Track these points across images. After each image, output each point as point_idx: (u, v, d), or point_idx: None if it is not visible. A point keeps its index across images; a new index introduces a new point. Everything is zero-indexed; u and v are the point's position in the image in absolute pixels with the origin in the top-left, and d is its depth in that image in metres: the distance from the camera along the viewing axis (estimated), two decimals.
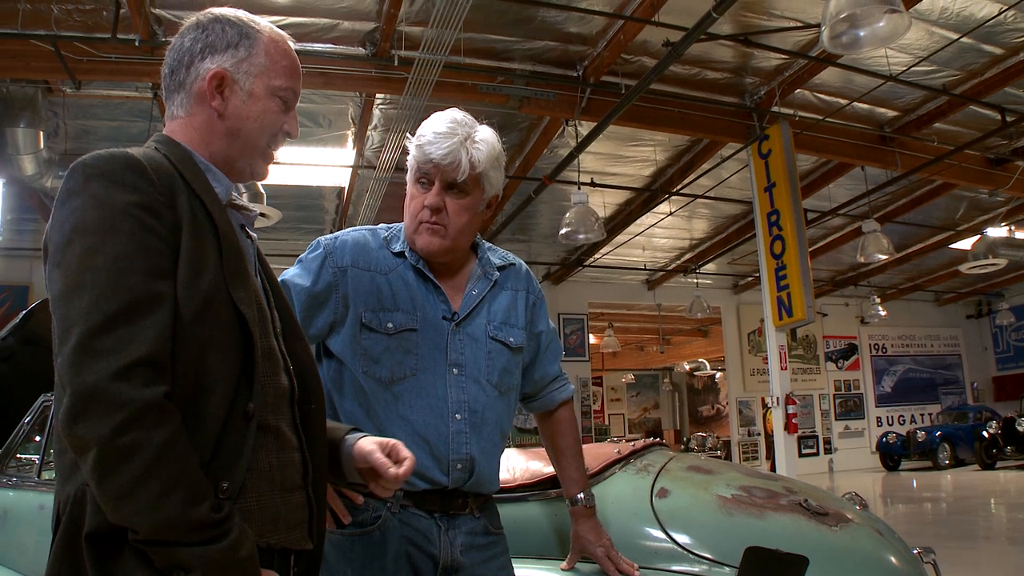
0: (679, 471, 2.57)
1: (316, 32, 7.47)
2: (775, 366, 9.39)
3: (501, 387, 2.14)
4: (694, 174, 11.09)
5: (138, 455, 1.16)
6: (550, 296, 16.13)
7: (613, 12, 7.46)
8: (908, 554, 2.35)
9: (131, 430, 1.16)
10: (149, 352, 1.21)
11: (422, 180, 2.08)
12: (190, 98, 1.53)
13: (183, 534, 1.18)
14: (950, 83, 9.01)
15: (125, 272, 1.25)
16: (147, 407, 1.18)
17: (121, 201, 1.29)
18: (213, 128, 1.53)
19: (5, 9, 6.75)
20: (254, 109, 1.55)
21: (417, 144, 2.06)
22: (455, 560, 2.01)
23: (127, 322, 1.22)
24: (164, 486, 1.17)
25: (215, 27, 1.54)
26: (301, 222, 12.56)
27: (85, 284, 1.23)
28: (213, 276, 1.36)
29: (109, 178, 1.32)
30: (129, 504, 1.17)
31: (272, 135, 1.60)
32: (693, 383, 30.50)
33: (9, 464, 4.29)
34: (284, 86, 1.58)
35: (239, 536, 1.24)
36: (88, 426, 1.16)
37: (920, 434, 18.00)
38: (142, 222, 1.29)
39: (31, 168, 8.13)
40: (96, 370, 1.17)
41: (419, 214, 2.08)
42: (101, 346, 1.19)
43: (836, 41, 5.66)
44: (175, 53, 1.55)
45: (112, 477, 1.16)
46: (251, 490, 1.36)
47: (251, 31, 1.56)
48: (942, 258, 16.50)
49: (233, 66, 1.53)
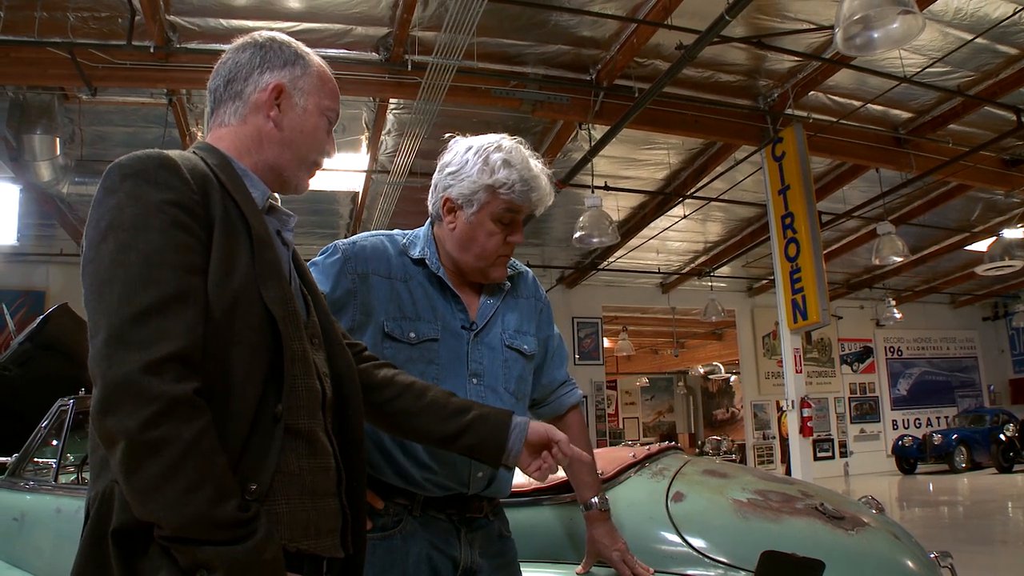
0: (694, 475, 2.57)
1: (330, 37, 7.49)
2: (790, 369, 9.36)
3: (518, 394, 2.16)
4: (708, 177, 11.07)
5: (166, 450, 1.16)
6: (564, 300, 16.15)
7: (626, 16, 7.46)
8: (925, 558, 2.34)
9: (160, 424, 1.16)
10: (181, 347, 1.22)
11: (506, 220, 2.09)
12: (246, 107, 1.59)
13: (208, 532, 1.18)
14: (965, 84, 8.96)
15: (157, 267, 1.26)
16: (177, 402, 1.19)
17: (154, 198, 1.31)
18: (265, 136, 1.59)
19: (22, 17, 6.80)
20: (307, 124, 1.63)
21: (521, 189, 2.06)
22: (475, 562, 2.02)
23: (159, 316, 1.23)
24: (191, 482, 1.17)
25: (272, 45, 1.62)
26: (315, 227, 12.61)
27: (117, 279, 1.25)
28: (244, 276, 1.37)
29: (143, 176, 1.34)
30: (155, 499, 1.17)
31: (318, 152, 1.67)
32: (707, 386, 30.41)
33: (26, 468, 4.32)
34: (331, 107, 1.67)
35: (265, 537, 1.24)
36: (117, 419, 1.17)
37: (936, 437, 17.90)
38: (175, 219, 1.31)
39: (48, 174, 8.18)
40: (127, 362, 1.18)
41: (500, 250, 2.11)
42: (132, 339, 1.20)
43: (850, 43, 5.64)
44: (232, 65, 1.61)
45: (139, 471, 1.17)
46: (280, 494, 1.36)
47: (304, 53, 1.65)
48: (958, 260, 16.41)
49: (290, 81, 1.61)
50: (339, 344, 1.65)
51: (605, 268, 15.56)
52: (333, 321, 1.70)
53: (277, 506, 1.35)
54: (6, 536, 4.04)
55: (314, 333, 1.58)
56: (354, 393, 1.63)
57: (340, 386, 1.60)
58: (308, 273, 1.71)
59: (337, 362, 1.62)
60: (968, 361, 21.41)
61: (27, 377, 5.26)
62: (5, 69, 7.20)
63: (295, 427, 1.41)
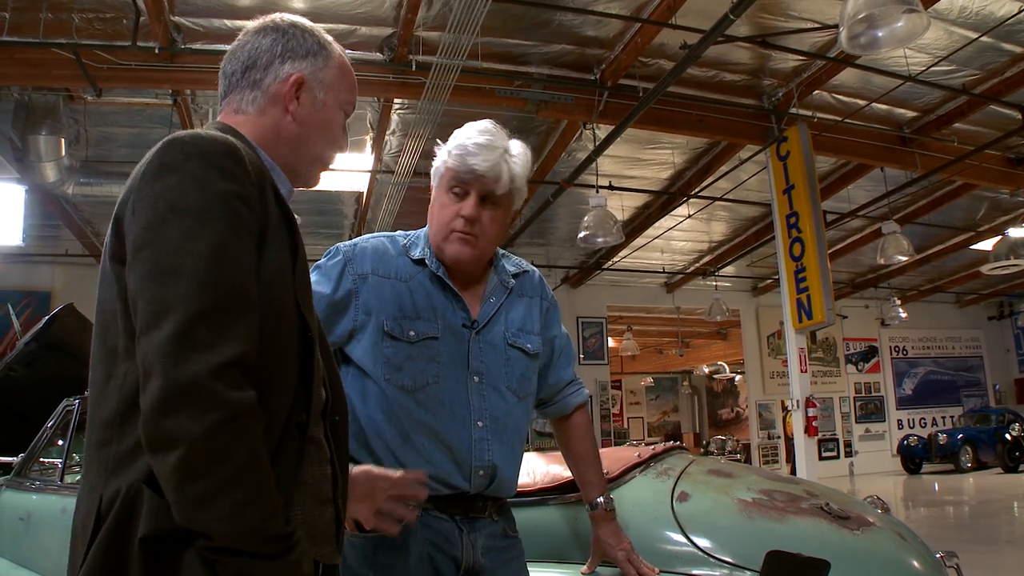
0: (699, 475, 2.57)
1: (334, 37, 7.46)
2: (795, 369, 9.35)
3: (520, 393, 2.15)
4: (712, 177, 11.07)
5: (228, 460, 1.12)
6: (569, 299, 16.14)
7: (630, 15, 7.45)
8: (931, 558, 2.34)
9: (225, 433, 1.12)
10: (243, 352, 1.17)
11: (456, 189, 2.08)
12: (265, 97, 1.52)
13: (258, 545, 1.15)
14: (970, 83, 8.94)
15: (223, 263, 1.20)
16: (242, 411, 1.14)
17: (221, 188, 1.24)
18: (282, 131, 1.53)
19: (27, 18, 6.82)
20: (325, 119, 1.57)
21: (457, 154, 2.06)
22: (477, 562, 2.02)
23: (225, 317, 1.17)
24: (247, 494, 1.13)
25: (295, 32, 1.57)
26: (320, 227, 12.62)
27: (184, 269, 1.17)
28: (287, 283, 1.34)
29: (210, 161, 1.26)
30: (209, 510, 1.11)
31: (333, 147, 1.62)
32: (712, 386, 30.36)
33: (32, 468, 4.33)
34: (349, 100, 1.63)
35: (304, 551, 1.22)
36: (180, 422, 1.10)
37: (941, 437, 17.87)
38: (238, 213, 1.25)
39: (53, 175, 8.20)
40: (194, 363, 1.12)
41: (452, 223, 2.08)
42: (200, 338, 1.14)
43: (854, 42, 5.63)
44: (251, 50, 1.54)
45: (198, 479, 1.11)
46: (297, 503, 1.32)
47: (327, 43, 1.60)
48: (963, 259, 16.38)
49: (312, 74, 1.55)
50: (327, 343, 1.60)
51: (610, 268, 15.56)
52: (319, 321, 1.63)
53: (295, 516, 1.30)
54: (12, 536, 4.05)
55: None
56: (342, 396, 1.59)
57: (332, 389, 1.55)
58: None
59: (328, 364, 1.56)
60: (973, 360, 21.38)
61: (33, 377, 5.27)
62: (10, 70, 7.21)
63: (310, 436, 1.38)
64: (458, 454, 2.01)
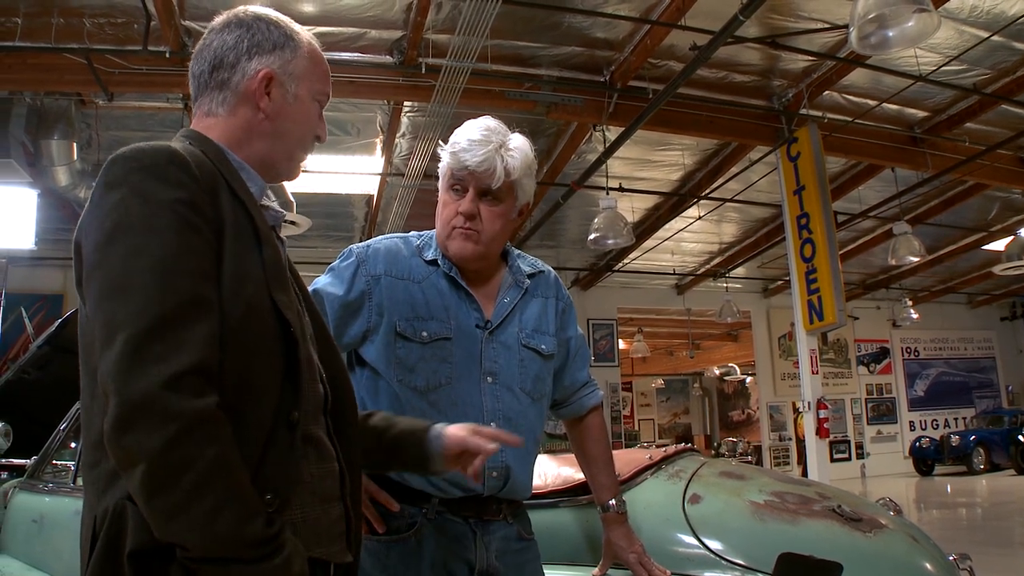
0: (711, 477, 2.56)
1: (344, 41, 7.52)
2: (806, 370, 9.32)
3: (534, 394, 2.15)
4: (723, 178, 11.06)
5: (191, 470, 1.11)
6: (579, 301, 16.10)
7: (639, 17, 7.45)
8: (944, 560, 2.33)
9: (184, 443, 1.11)
10: (199, 359, 1.16)
11: (455, 187, 2.09)
12: (235, 97, 1.49)
13: (237, 551, 1.14)
14: (981, 82, 8.91)
15: (172, 273, 1.19)
16: (200, 419, 1.13)
17: (165, 197, 1.23)
18: (255, 128, 1.50)
19: (39, 24, 6.87)
20: (299, 112, 1.54)
21: (451, 151, 2.06)
22: (491, 565, 2.01)
23: (176, 327, 1.16)
24: (218, 501, 1.12)
25: (259, 26, 1.52)
26: (330, 230, 12.64)
27: (131, 286, 1.17)
28: (257, 281, 1.32)
29: (152, 172, 1.26)
30: (180, 521, 1.11)
31: (311, 138, 1.59)
32: (723, 388, 30.32)
33: (45, 470, 4.34)
34: (323, 90, 1.59)
35: (292, 551, 1.20)
36: (137, 438, 1.10)
37: (954, 438, 17.78)
38: (187, 220, 1.23)
39: (65, 179, 8.24)
40: (146, 378, 1.11)
41: (452, 220, 2.08)
42: (150, 352, 1.13)
43: (865, 42, 5.61)
44: (216, 49, 1.51)
45: (164, 493, 1.11)
46: (295, 502, 1.31)
47: (294, 33, 1.55)
48: (975, 260, 16.30)
49: (280, 67, 1.51)
50: (329, 341, 1.60)
51: (620, 270, 15.55)
52: (321, 319, 1.64)
53: (293, 515, 1.30)
54: (26, 538, 4.07)
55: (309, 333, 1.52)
56: (348, 392, 1.58)
57: (336, 387, 1.54)
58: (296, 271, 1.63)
59: (332, 362, 1.56)
60: (986, 361, 21.26)
61: (46, 380, 5.29)
62: (23, 75, 7.26)
63: (307, 433, 1.37)
64: None
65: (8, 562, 4.03)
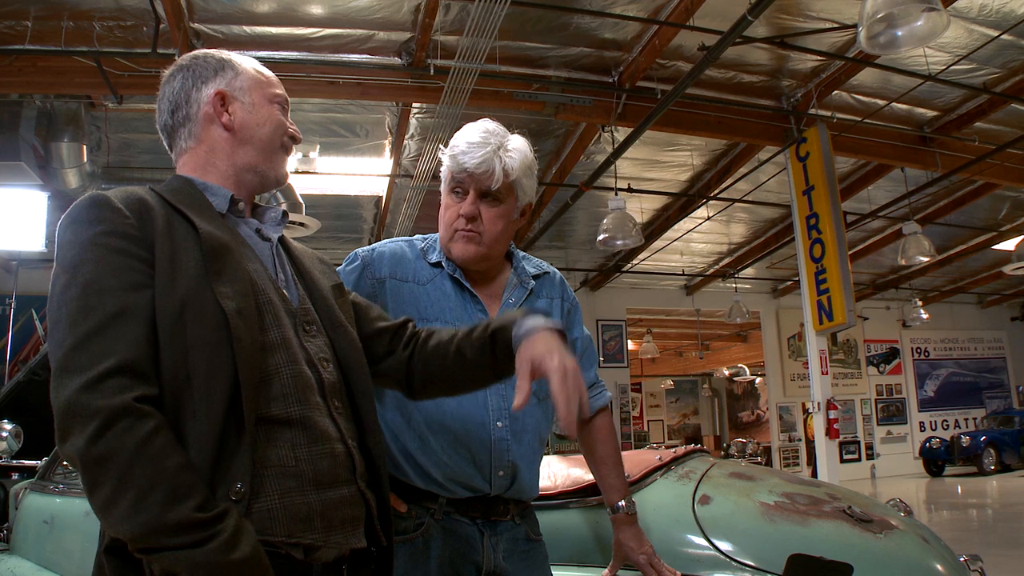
0: (721, 478, 2.56)
1: (352, 43, 7.53)
2: (816, 371, 9.30)
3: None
4: (731, 178, 11.03)
5: (112, 462, 1.18)
6: (588, 302, 16.12)
7: (647, 17, 7.44)
8: (955, 561, 2.32)
9: (102, 438, 1.18)
10: (118, 361, 1.24)
11: (456, 190, 2.11)
12: (198, 125, 1.62)
13: (165, 537, 1.17)
14: (990, 81, 8.88)
15: (93, 295, 1.30)
16: (116, 413, 1.20)
17: (87, 235, 1.37)
18: (225, 144, 1.62)
19: (49, 27, 6.90)
20: (261, 114, 1.65)
21: (451, 154, 2.09)
22: (498, 566, 2.01)
23: (98, 338, 1.26)
24: (141, 490, 1.17)
25: (196, 63, 1.66)
26: (339, 231, 12.67)
27: (61, 317, 1.30)
28: (193, 279, 1.38)
29: (77, 220, 1.39)
30: (112, 513, 1.18)
31: (283, 135, 1.68)
32: (733, 389, 30.27)
33: (56, 471, 4.36)
34: (277, 92, 1.70)
35: (232, 536, 1.20)
36: (70, 442, 1.20)
37: (964, 439, 17.70)
38: (109, 246, 1.36)
39: (75, 181, 8.27)
40: (68, 387, 1.22)
41: (454, 223, 2.10)
42: (73, 365, 1.24)
43: (874, 41, 5.60)
44: (170, 97, 1.65)
45: (96, 488, 1.19)
46: (271, 488, 1.33)
47: (227, 58, 1.68)
48: (985, 259, 16.24)
49: (227, 85, 1.64)
50: (342, 327, 1.65)
51: (629, 270, 15.53)
52: (336, 307, 1.68)
53: (270, 501, 1.32)
54: (37, 538, 4.08)
55: (308, 320, 1.58)
56: (359, 377, 1.62)
57: (347, 370, 1.60)
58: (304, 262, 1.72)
59: (341, 346, 1.62)
60: (996, 362, 21.16)
61: None
62: (33, 78, 7.29)
63: (283, 416, 1.39)
64: (477, 455, 2.01)
65: (19, 563, 4.04)
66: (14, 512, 4.40)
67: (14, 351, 12.43)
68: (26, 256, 11.72)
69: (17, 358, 12.29)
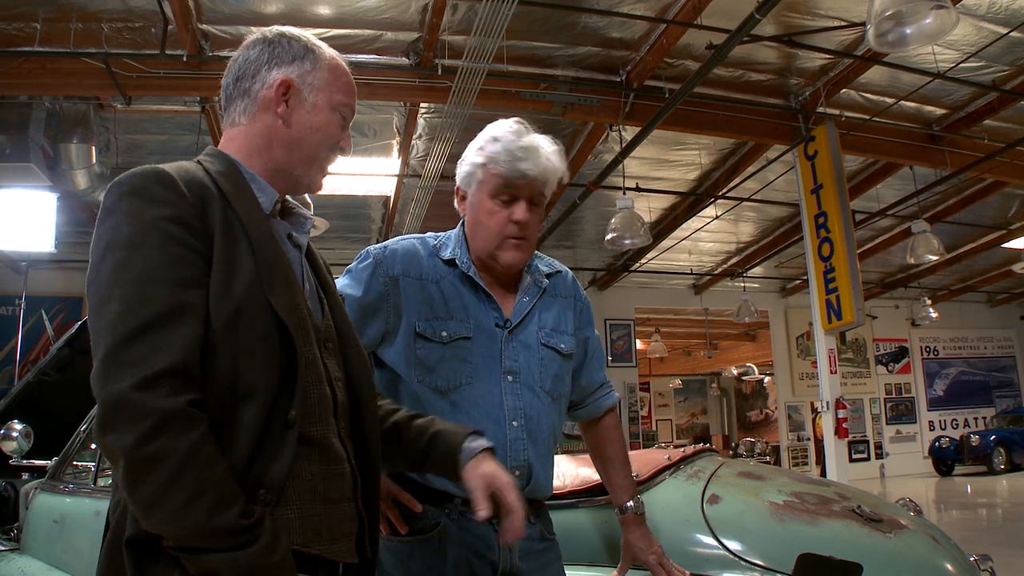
0: (730, 477, 2.55)
1: (360, 43, 7.54)
2: (824, 370, 9.28)
3: (554, 394, 2.15)
4: (740, 177, 11.02)
5: (163, 464, 1.19)
6: (596, 302, 16.10)
7: (655, 16, 7.44)
8: (965, 561, 2.31)
9: (155, 439, 1.19)
10: (174, 362, 1.24)
11: (503, 196, 2.07)
12: (255, 104, 1.57)
13: (210, 541, 1.21)
14: (1000, 79, 8.84)
15: (151, 284, 1.28)
16: (170, 416, 1.20)
17: (150, 215, 1.33)
18: (274, 136, 1.56)
19: (58, 29, 6.93)
20: (317, 120, 1.59)
21: (506, 160, 2.04)
22: (514, 566, 2.01)
23: (153, 333, 1.24)
24: (189, 494, 1.19)
25: (281, 41, 1.61)
26: (348, 231, 12.69)
27: (113, 298, 1.27)
28: (248, 284, 1.37)
29: (139, 194, 1.35)
30: (156, 512, 1.20)
31: (331, 148, 1.63)
32: (741, 388, 30.19)
33: (66, 471, 4.37)
34: (344, 102, 1.63)
35: (270, 541, 1.25)
36: (115, 436, 1.19)
37: (974, 438, 17.66)
38: (170, 234, 1.32)
39: (84, 182, 8.30)
40: (120, 381, 1.20)
41: (504, 229, 2.07)
42: (126, 357, 1.22)
43: (882, 39, 5.58)
44: (241, 63, 1.60)
45: (140, 486, 1.19)
46: (292, 499, 1.37)
47: (315, 47, 1.62)
48: (994, 258, 16.18)
49: (299, 76, 1.58)
50: (355, 346, 1.64)
51: (637, 270, 15.52)
52: (349, 323, 1.68)
53: (289, 511, 1.36)
54: (47, 538, 4.09)
55: (328, 337, 1.57)
56: (368, 397, 1.63)
57: (354, 390, 1.60)
58: (325, 274, 1.70)
59: (352, 366, 1.61)
60: (1006, 361, 21.09)
61: (66, 382, 5.32)
62: (42, 80, 7.32)
63: (308, 434, 1.41)
64: None
65: (29, 562, 4.06)
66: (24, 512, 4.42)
67: (24, 351, 12.48)
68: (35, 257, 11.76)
69: (27, 358, 12.34)
